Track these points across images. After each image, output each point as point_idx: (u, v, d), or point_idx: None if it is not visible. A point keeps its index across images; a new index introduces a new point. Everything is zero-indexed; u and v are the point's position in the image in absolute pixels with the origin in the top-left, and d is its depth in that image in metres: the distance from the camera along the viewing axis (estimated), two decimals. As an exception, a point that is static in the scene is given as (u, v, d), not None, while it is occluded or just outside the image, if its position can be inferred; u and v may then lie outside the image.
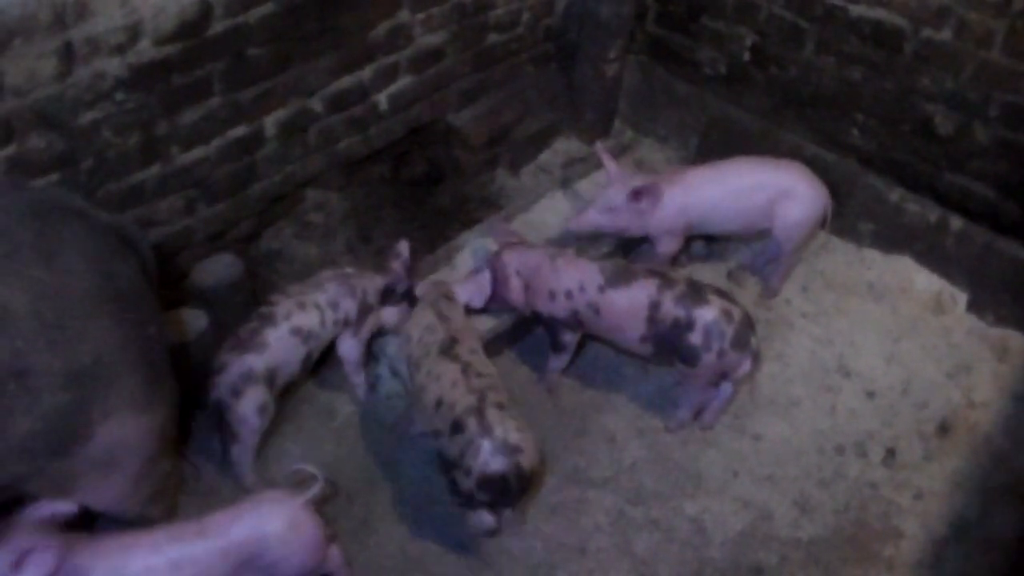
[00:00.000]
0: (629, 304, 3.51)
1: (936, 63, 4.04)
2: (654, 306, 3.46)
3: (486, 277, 3.73)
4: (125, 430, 2.79)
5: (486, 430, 3.02)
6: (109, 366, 2.71)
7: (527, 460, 3.02)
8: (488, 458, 2.99)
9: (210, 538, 2.80)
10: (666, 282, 3.49)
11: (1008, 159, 4.00)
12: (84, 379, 2.64)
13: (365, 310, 3.61)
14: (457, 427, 3.08)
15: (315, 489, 2.98)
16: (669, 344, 3.48)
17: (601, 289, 3.55)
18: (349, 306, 3.55)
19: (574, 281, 3.60)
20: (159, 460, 3.02)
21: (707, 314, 3.41)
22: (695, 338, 3.41)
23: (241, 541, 2.82)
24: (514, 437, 3.02)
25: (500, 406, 3.11)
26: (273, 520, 2.86)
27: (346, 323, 3.57)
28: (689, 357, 3.45)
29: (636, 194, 3.91)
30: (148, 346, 2.86)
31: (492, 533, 3.23)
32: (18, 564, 2.58)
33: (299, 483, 3.03)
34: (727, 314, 3.42)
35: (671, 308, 3.44)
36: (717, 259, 4.40)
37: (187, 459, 3.44)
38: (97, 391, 2.68)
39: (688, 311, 3.42)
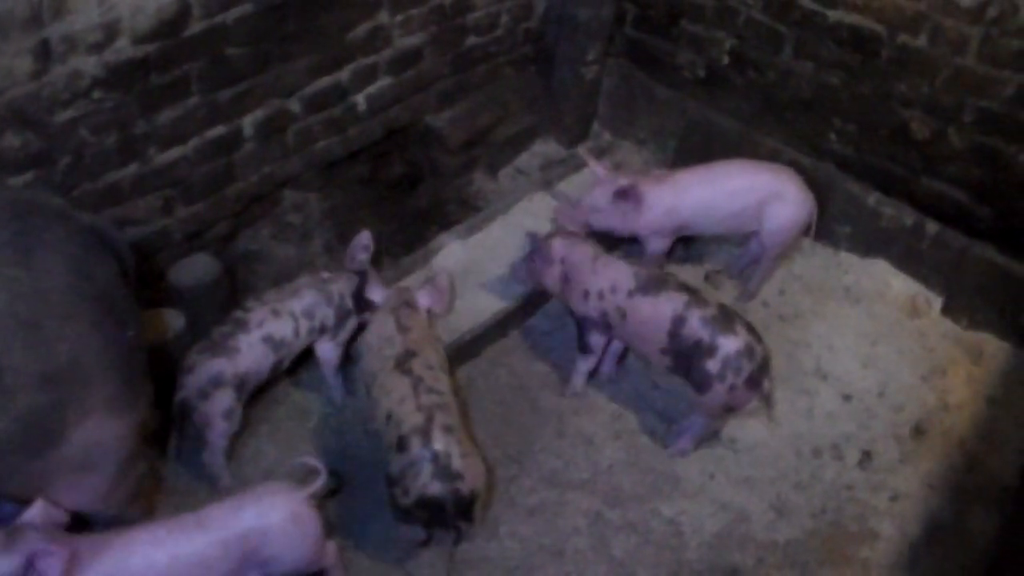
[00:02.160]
0: (653, 313, 3.49)
1: (912, 69, 4.07)
2: (678, 321, 3.44)
3: (444, 281, 3.73)
4: (101, 431, 2.77)
5: (429, 452, 3.01)
6: (86, 367, 2.69)
7: (467, 486, 3.01)
8: (427, 481, 2.98)
9: (211, 531, 2.79)
10: (697, 300, 3.47)
11: (982, 164, 4.04)
12: (60, 380, 2.62)
13: (343, 315, 3.61)
14: (402, 444, 3.06)
15: (319, 483, 2.97)
16: (685, 363, 3.45)
17: (630, 294, 3.54)
18: (325, 313, 3.55)
19: (607, 282, 3.60)
20: (136, 461, 3.00)
21: (731, 344, 3.38)
22: (712, 365, 3.39)
23: (242, 533, 2.80)
24: (456, 463, 3.01)
25: (447, 428, 3.09)
26: (274, 512, 2.84)
27: (322, 330, 3.56)
28: (702, 382, 3.42)
29: (620, 194, 3.93)
30: (125, 348, 2.85)
31: (422, 545, 3.24)
32: (26, 568, 2.57)
33: (303, 474, 3.03)
34: (750, 351, 3.40)
35: (696, 328, 3.41)
36: (695, 261, 4.42)
37: (163, 459, 3.43)
38: (73, 392, 2.67)
39: (713, 336, 3.39)
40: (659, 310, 3.48)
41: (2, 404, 2.53)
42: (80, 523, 2.89)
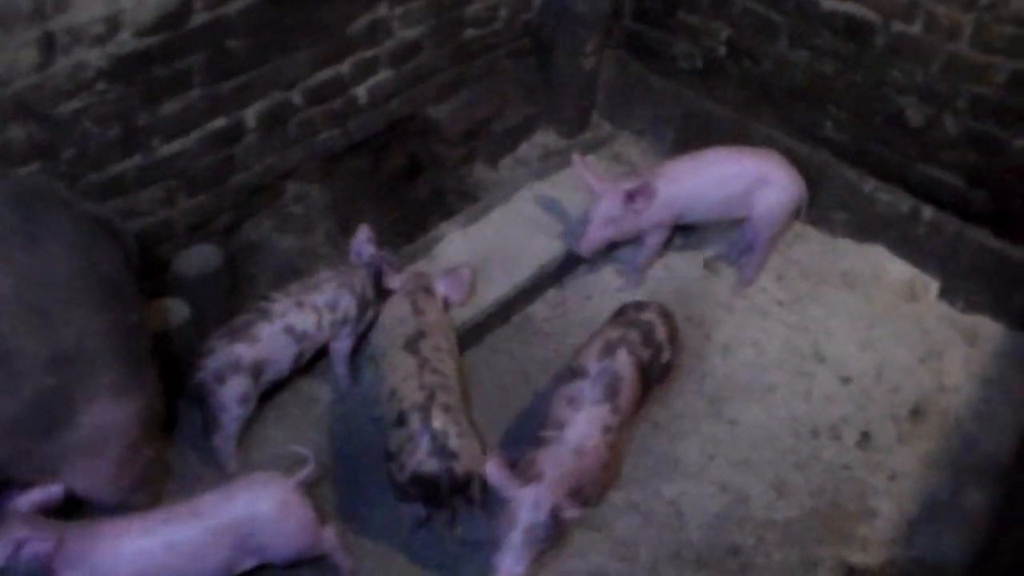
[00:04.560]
0: None
1: (906, 56, 4.10)
2: None
3: (467, 274, 3.77)
4: (108, 415, 2.82)
5: (426, 429, 3.06)
6: (92, 351, 2.73)
7: (462, 466, 3.06)
8: (423, 458, 3.03)
9: (203, 519, 2.84)
10: None
11: (977, 150, 4.08)
12: (67, 364, 2.67)
13: (364, 306, 3.65)
14: (401, 420, 3.12)
15: (306, 471, 3.01)
16: None
17: None
18: (348, 304, 3.59)
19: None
20: (142, 446, 3.04)
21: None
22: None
23: (233, 521, 2.85)
24: (453, 442, 3.06)
25: (447, 408, 3.14)
26: (265, 501, 2.89)
27: (344, 322, 3.61)
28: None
29: (630, 197, 3.95)
30: (130, 333, 2.89)
31: (422, 524, 3.27)
32: (14, 553, 2.61)
33: (290, 465, 3.07)
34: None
35: None
36: (693, 248, 4.45)
37: (169, 444, 3.47)
38: (80, 376, 2.71)
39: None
40: None
41: (10, 387, 2.57)
42: (76, 509, 2.94)
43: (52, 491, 2.77)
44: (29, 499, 2.72)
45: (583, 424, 3.18)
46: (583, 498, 3.08)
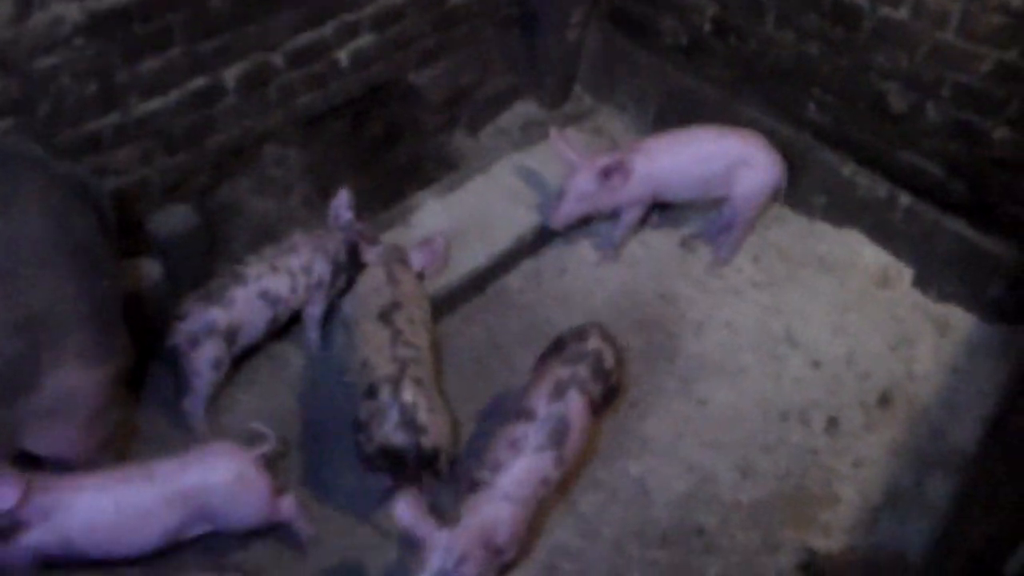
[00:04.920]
0: None
1: (892, 41, 4.09)
2: None
3: (440, 244, 3.77)
4: (75, 380, 2.80)
5: (396, 402, 3.06)
6: (61, 315, 2.72)
7: (430, 440, 3.06)
8: (391, 430, 3.04)
9: (156, 484, 2.85)
10: None
11: (958, 139, 4.07)
12: (35, 327, 2.65)
13: (337, 271, 3.65)
14: (372, 391, 3.12)
15: (265, 447, 3.02)
16: None
17: None
18: (323, 269, 3.60)
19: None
20: (110, 410, 3.04)
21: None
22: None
23: (186, 490, 2.87)
24: (422, 416, 3.07)
25: (418, 381, 3.14)
26: (219, 471, 2.91)
27: (318, 286, 3.60)
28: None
29: (605, 173, 3.95)
30: (102, 298, 2.87)
31: (388, 496, 3.25)
32: None
33: (251, 439, 3.07)
34: None
35: None
36: (670, 227, 4.45)
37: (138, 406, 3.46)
38: (48, 340, 2.70)
39: None
40: None
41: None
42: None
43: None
44: None
45: (520, 471, 2.98)
46: (500, 558, 2.91)
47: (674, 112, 4.72)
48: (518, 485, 2.96)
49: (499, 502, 2.92)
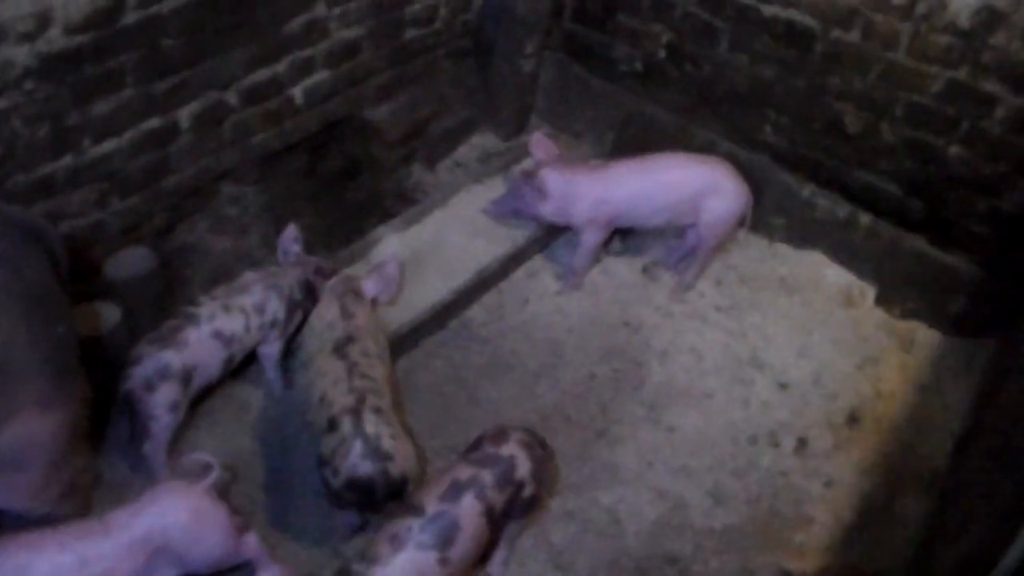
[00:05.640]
0: None
1: (845, 63, 4.13)
2: None
3: (393, 269, 3.75)
4: (32, 428, 2.74)
5: (358, 432, 3.03)
6: (15, 364, 2.66)
7: (397, 468, 3.03)
8: (357, 461, 3.00)
9: (113, 535, 2.79)
10: None
11: (913, 157, 4.12)
12: (-13, 378, 2.59)
13: (292, 308, 3.61)
14: (332, 425, 3.09)
15: (212, 476, 2.97)
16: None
17: None
18: (276, 307, 3.55)
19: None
20: (70, 458, 2.97)
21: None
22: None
23: (144, 535, 2.81)
24: (386, 443, 3.03)
25: (378, 410, 3.12)
26: (173, 511, 2.85)
27: (273, 325, 3.56)
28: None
29: (526, 175, 4.08)
30: (57, 344, 2.81)
31: (356, 532, 3.24)
32: None
33: (198, 472, 3.02)
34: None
35: None
36: (633, 254, 4.45)
37: (99, 452, 3.39)
38: (3, 387, 2.64)
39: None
40: None
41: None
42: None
43: None
44: None
45: (397, 569, 2.74)
46: None
47: (631, 138, 4.74)
48: None
49: None
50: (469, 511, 2.86)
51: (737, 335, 4.15)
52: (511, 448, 3.02)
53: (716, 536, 3.46)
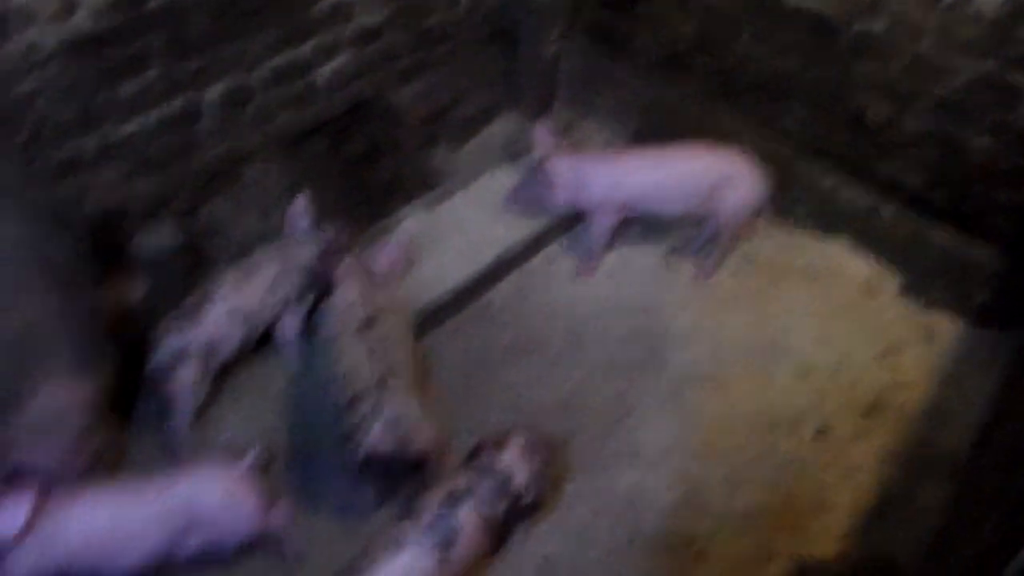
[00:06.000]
0: None
1: (869, 55, 4.11)
2: None
3: (404, 240, 3.90)
4: (61, 396, 2.81)
5: (380, 410, 3.06)
6: (42, 337, 2.73)
7: (416, 445, 3.06)
8: (377, 437, 3.03)
9: (148, 501, 2.84)
10: None
11: (937, 149, 4.09)
12: (14, 349, 2.65)
13: (307, 283, 3.64)
14: (354, 403, 3.13)
15: (250, 458, 3.01)
16: None
17: None
18: (291, 282, 3.59)
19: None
20: (96, 427, 3.02)
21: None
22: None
23: (177, 506, 2.86)
24: (407, 422, 3.07)
25: (399, 389, 3.16)
26: (209, 487, 2.90)
27: (286, 302, 3.59)
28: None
29: (535, 166, 4.13)
30: (83, 318, 2.88)
31: (376, 508, 3.28)
32: None
33: (236, 451, 3.05)
34: None
35: None
36: (652, 242, 4.45)
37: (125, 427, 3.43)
38: (30, 361, 2.70)
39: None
40: None
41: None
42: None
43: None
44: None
45: (397, 569, 2.81)
46: None
47: (654, 125, 4.73)
48: None
49: None
50: (467, 520, 2.93)
51: (758, 322, 4.15)
52: (509, 458, 3.11)
53: (734, 520, 3.47)
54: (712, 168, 4.10)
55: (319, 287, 3.71)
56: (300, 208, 3.74)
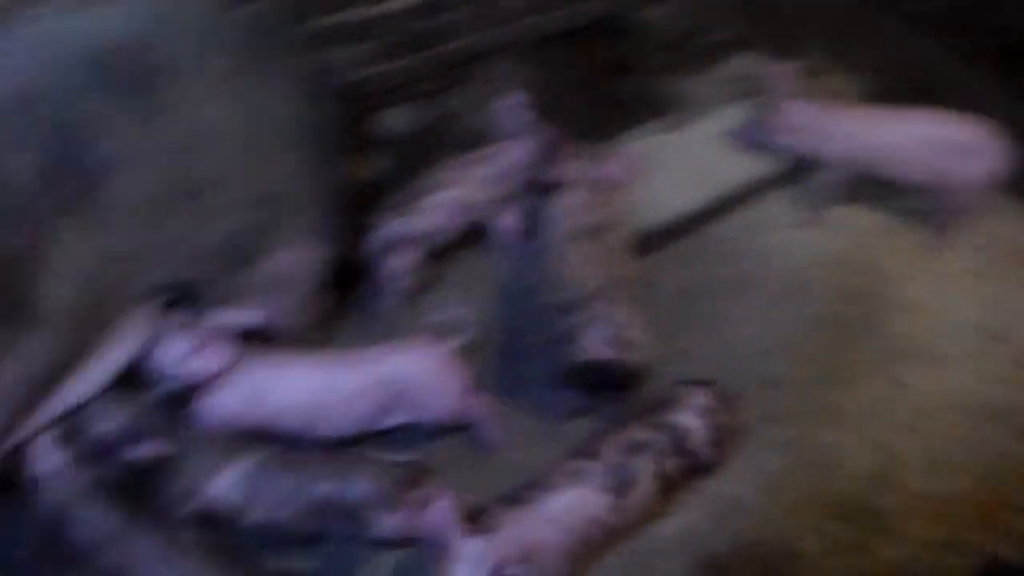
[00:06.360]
0: None
1: None
2: None
3: (633, 155, 3.91)
4: (301, 256, 2.91)
5: (600, 319, 3.02)
6: (293, 196, 2.82)
7: (637, 358, 3.03)
8: (597, 344, 3.00)
9: (360, 370, 2.92)
10: None
11: None
12: (269, 204, 2.74)
13: (529, 181, 3.69)
14: (571, 309, 3.10)
15: (463, 338, 3.05)
16: None
17: None
18: (513, 178, 3.62)
19: None
20: (325, 290, 3.13)
21: None
22: None
23: (387, 377, 2.93)
24: (630, 333, 3.02)
25: (624, 300, 3.12)
26: (420, 362, 2.96)
27: (507, 197, 3.62)
28: None
29: (776, 106, 4.06)
30: (327, 187, 2.96)
31: (580, 415, 3.24)
32: (197, 350, 2.73)
33: (448, 330, 3.10)
34: None
35: None
36: (884, 205, 4.27)
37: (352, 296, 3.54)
38: (278, 217, 2.79)
39: None
40: None
41: (214, 218, 2.65)
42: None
43: (251, 315, 2.88)
44: (226, 316, 2.83)
45: (573, 499, 2.81)
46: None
47: (908, 84, 4.51)
48: (566, 512, 2.79)
49: (543, 523, 2.76)
50: (645, 471, 2.93)
51: (988, 305, 3.95)
52: (687, 418, 3.08)
53: (928, 501, 3.34)
54: (952, 136, 3.95)
55: (539, 187, 3.70)
56: (517, 101, 3.72)
